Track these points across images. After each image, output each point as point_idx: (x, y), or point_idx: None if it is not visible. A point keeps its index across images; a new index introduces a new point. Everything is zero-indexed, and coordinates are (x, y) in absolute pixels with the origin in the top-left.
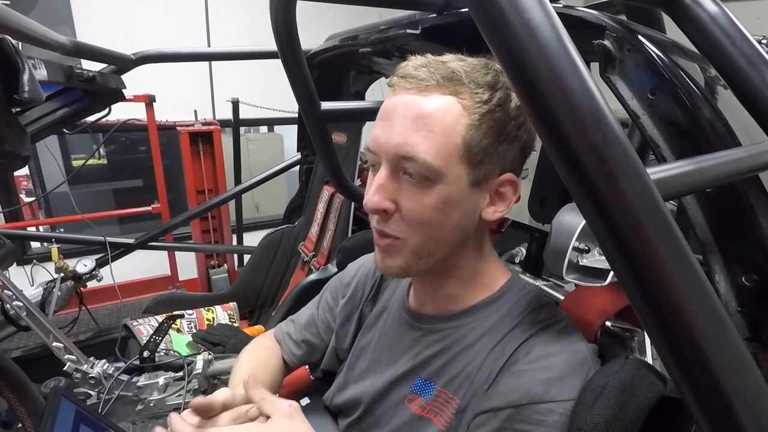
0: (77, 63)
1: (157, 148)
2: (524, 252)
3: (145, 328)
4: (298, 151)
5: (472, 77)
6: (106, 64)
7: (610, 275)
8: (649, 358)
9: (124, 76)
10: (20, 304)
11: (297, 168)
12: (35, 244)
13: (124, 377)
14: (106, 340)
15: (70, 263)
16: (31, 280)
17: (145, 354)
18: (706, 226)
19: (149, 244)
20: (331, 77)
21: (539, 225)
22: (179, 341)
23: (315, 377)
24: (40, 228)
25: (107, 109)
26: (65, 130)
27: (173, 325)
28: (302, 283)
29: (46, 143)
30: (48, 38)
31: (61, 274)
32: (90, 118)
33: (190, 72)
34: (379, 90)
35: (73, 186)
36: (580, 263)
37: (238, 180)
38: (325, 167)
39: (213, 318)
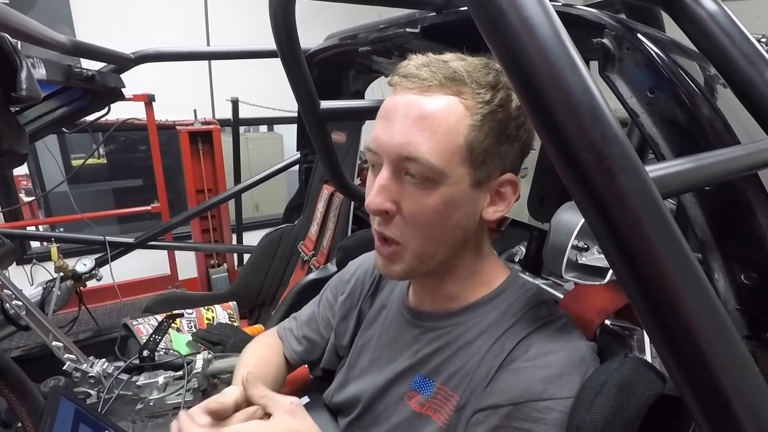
0: (76, 62)
1: (156, 147)
2: (523, 251)
3: (144, 327)
4: (297, 150)
5: (474, 77)
6: (105, 63)
7: (609, 273)
8: (648, 357)
9: (123, 76)
10: (20, 303)
11: (296, 167)
12: (35, 244)
13: (124, 376)
14: (106, 339)
15: (70, 263)
16: (30, 280)
17: (145, 353)
18: (705, 224)
19: (149, 243)
20: (330, 76)
21: (538, 224)
22: (179, 340)
23: (315, 376)
24: (40, 227)
25: (106, 108)
26: (64, 129)
27: (173, 325)
28: (302, 282)
29: (45, 143)
30: (47, 37)
31: (61, 274)
32: (89, 118)
33: (189, 71)
34: (379, 89)
35: (73, 185)
36: (579, 261)
37: (237, 179)
38: (324, 166)
39: (213, 317)
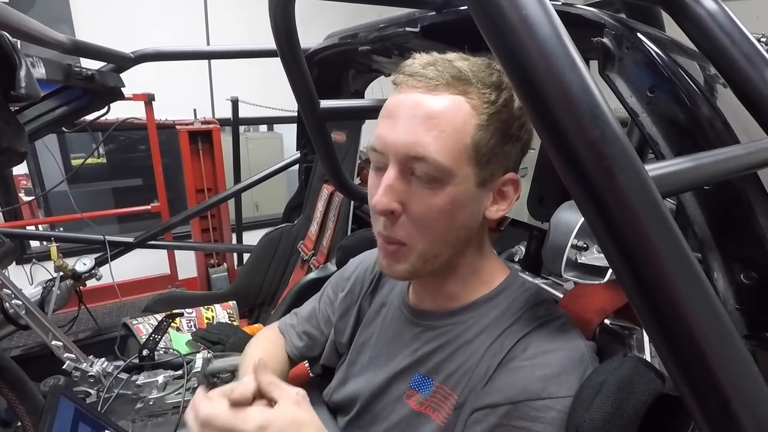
0: (76, 61)
1: (156, 146)
2: (523, 250)
3: (144, 326)
4: (297, 149)
5: (479, 77)
6: (104, 63)
7: (609, 273)
8: (647, 356)
9: (123, 75)
10: (19, 302)
11: (296, 167)
12: (34, 243)
13: (124, 376)
14: (106, 338)
15: (70, 262)
16: (30, 279)
17: (145, 352)
18: (704, 223)
19: (148, 243)
20: (330, 76)
21: (538, 223)
22: (179, 340)
23: (314, 373)
24: (40, 227)
25: (106, 107)
26: (64, 128)
27: (173, 324)
28: (301, 281)
29: (45, 142)
30: (46, 36)
31: (61, 273)
32: (89, 117)
33: (189, 71)
34: (379, 88)
35: (73, 185)
36: (579, 261)
37: (237, 179)
38: (324, 166)
39: (212, 317)
